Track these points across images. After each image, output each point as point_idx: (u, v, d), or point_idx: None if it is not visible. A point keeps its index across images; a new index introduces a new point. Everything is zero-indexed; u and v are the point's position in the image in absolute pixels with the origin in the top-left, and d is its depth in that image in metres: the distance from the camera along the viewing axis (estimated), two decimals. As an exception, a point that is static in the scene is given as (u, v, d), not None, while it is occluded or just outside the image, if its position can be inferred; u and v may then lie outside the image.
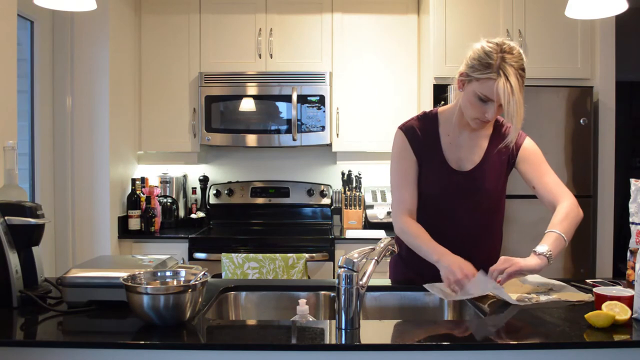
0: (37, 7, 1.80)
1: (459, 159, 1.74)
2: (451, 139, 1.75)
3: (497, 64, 1.55)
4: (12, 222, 1.53)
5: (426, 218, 1.74)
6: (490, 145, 1.75)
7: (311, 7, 3.42)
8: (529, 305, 1.49)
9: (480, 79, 1.57)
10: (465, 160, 1.75)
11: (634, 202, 1.66)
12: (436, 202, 1.75)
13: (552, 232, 1.61)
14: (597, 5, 1.79)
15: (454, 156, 1.74)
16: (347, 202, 3.52)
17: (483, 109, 1.61)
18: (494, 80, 1.54)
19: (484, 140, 1.76)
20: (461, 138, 1.75)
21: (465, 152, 1.75)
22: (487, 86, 1.56)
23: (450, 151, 1.74)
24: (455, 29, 3.11)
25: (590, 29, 3.13)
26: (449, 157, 1.74)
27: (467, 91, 1.63)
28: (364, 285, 1.32)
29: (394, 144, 1.79)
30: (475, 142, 1.76)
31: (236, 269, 2.77)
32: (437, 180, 1.73)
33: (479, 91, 1.59)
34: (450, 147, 1.75)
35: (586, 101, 3.03)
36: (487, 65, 1.56)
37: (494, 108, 1.60)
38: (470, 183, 1.73)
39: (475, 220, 1.75)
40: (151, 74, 3.44)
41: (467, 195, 1.73)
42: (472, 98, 1.61)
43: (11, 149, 1.72)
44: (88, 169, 3.03)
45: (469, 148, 1.75)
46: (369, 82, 3.42)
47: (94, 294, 1.44)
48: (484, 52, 1.58)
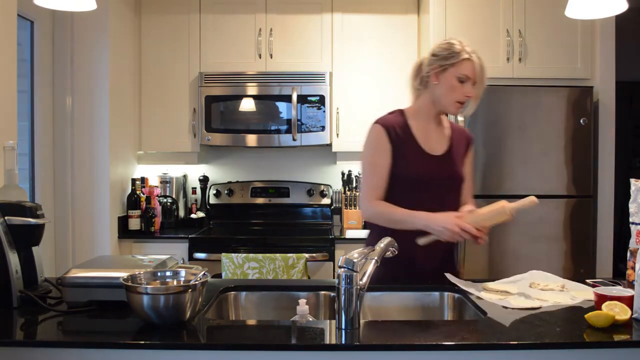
0: (37, 7, 1.80)
1: (431, 147, 1.92)
2: (422, 130, 1.93)
3: (464, 49, 1.84)
4: (12, 222, 1.53)
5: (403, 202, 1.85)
6: (453, 136, 1.98)
7: (311, 7, 3.42)
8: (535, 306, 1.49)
9: (455, 63, 1.83)
10: (436, 147, 1.93)
11: (634, 202, 1.66)
12: (414, 185, 1.88)
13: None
14: (597, 5, 1.79)
15: (427, 144, 1.92)
16: (347, 202, 3.52)
17: (463, 90, 1.84)
18: (470, 60, 1.83)
19: (446, 133, 1.98)
20: (429, 130, 1.95)
21: (434, 140, 1.94)
22: (464, 66, 1.83)
23: (422, 139, 1.92)
24: (455, 29, 3.11)
25: (590, 29, 3.13)
26: (423, 144, 1.91)
27: (445, 79, 1.85)
28: (364, 285, 1.32)
29: (368, 137, 1.92)
30: (441, 132, 1.97)
31: (236, 269, 2.77)
32: (414, 164, 1.88)
33: (458, 73, 1.83)
34: (421, 136, 1.92)
35: (586, 101, 3.03)
36: (456, 51, 1.84)
37: (471, 85, 1.84)
38: (443, 166, 1.91)
39: (446, 202, 1.88)
40: (151, 74, 3.44)
41: (441, 177, 1.89)
42: (453, 81, 1.84)
43: (11, 149, 1.73)
44: (88, 169, 3.03)
45: (437, 137, 1.95)
46: (369, 82, 3.42)
47: (94, 294, 1.44)
48: (447, 44, 1.87)
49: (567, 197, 3.03)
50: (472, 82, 1.84)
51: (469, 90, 1.84)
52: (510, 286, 1.68)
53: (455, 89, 1.84)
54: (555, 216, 3.02)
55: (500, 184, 3.00)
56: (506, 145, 3.01)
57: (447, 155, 1.93)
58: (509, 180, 3.01)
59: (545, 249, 3.01)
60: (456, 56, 1.83)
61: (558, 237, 3.03)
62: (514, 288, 1.66)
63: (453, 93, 1.85)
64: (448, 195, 1.90)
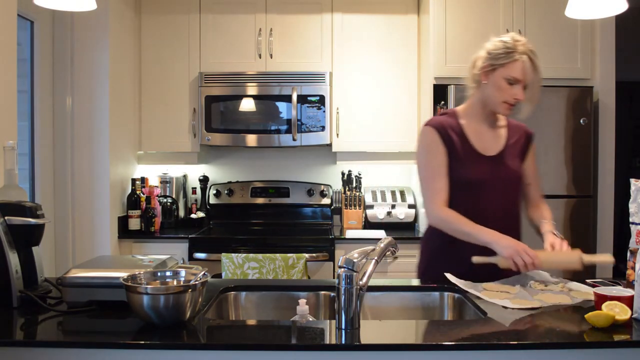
0: (37, 7, 1.80)
1: (485, 147, 1.88)
2: (473, 129, 1.90)
3: (517, 49, 1.76)
4: (12, 222, 1.53)
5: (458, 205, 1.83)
6: (509, 137, 1.92)
7: (311, 7, 3.42)
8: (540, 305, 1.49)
9: (505, 63, 1.77)
10: (489, 147, 1.89)
11: (634, 202, 1.66)
12: (468, 188, 1.85)
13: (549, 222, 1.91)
14: (597, 5, 1.79)
15: (480, 144, 1.88)
16: (347, 202, 3.52)
17: (512, 92, 1.78)
18: (520, 61, 1.75)
19: (502, 132, 1.93)
20: (483, 129, 1.91)
21: (488, 140, 1.90)
22: (513, 68, 1.76)
23: (477, 140, 1.89)
24: (455, 29, 3.12)
25: (590, 29, 3.13)
26: (476, 145, 1.88)
27: (494, 79, 1.80)
28: (364, 285, 1.32)
29: (421, 140, 1.90)
30: (496, 132, 1.92)
31: (236, 269, 2.77)
32: (468, 166, 1.85)
33: (506, 75, 1.77)
34: (474, 137, 1.89)
35: (586, 101, 3.03)
36: (509, 51, 1.77)
37: (521, 89, 1.78)
38: (498, 166, 1.86)
39: (503, 203, 1.86)
40: (151, 74, 3.44)
41: (495, 178, 1.85)
42: (501, 83, 1.79)
43: (11, 149, 1.73)
44: (88, 169, 3.03)
45: (491, 137, 1.91)
46: (369, 82, 3.42)
47: (94, 294, 1.44)
48: (501, 42, 1.80)
49: (567, 197, 3.03)
50: (523, 85, 1.78)
51: (517, 93, 1.78)
52: (510, 286, 1.68)
53: (503, 90, 1.79)
54: (555, 216, 2.96)
55: (500, 184, 3.00)
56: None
57: (502, 155, 1.88)
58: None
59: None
60: (506, 57, 1.77)
61: (558, 237, 3.03)
62: (514, 288, 1.66)
63: (501, 94, 1.80)
64: (504, 196, 1.86)
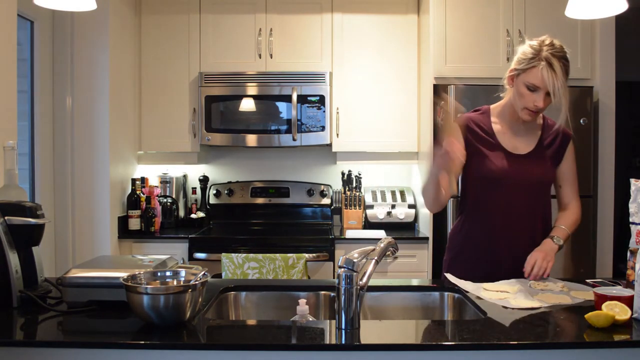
0: (37, 7, 1.80)
1: (514, 146, 1.89)
2: (505, 129, 1.91)
3: (540, 55, 1.75)
4: (12, 222, 1.53)
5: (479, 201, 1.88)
6: (542, 137, 1.91)
7: (311, 7, 3.42)
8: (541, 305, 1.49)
9: (526, 69, 1.77)
10: (520, 146, 1.89)
11: (634, 202, 1.66)
12: (492, 183, 1.86)
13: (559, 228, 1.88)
14: (597, 5, 1.79)
15: (510, 143, 1.89)
16: (347, 202, 3.52)
17: (532, 98, 1.77)
18: (539, 68, 1.73)
19: (536, 131, 1.92)
20: (514, 128, 1.91)
21: (520, 139, 1.90)
22: (532, 74, 1.75)
23: (505, 138, 1.89)
24: (455, 29, 3.11)
25: (590, 29, 3.13)
26: (504, 143, 1.89)
27: (517, 84, 1.81)
28: (364, 285, 1.32)
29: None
30: (529, 131, 1.91)
31: (236, 269, 2.77)
32: (494, 163, 1.86)
33: (526, 81, 1.77)
34: (504, 136, 1.90)
35: (586, 101, 3.03)
36: (532, 57, 1.76)
37: (542, 96, 1.76)
38: (526, 166, 1.86)
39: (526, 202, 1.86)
40: (151, 74, 3.44)
41: (519, 178, 1.85)
42: (522, 89, 1.79)
43: (11, 149, 1.73)
44: (88, 169, 3.03)
45: (523, 136, 1.91)
46: (369, 82, 3.42)
47: (94, 294, 1.44)
48: (529, 46, 1.79)
49: (567, 197, 3.03)
50: (545, 92, 1.75)
51: (537, 99, 1.76)
52: (509, 286, 1.68)
53: (525, 96, 1.78)
54: (555, 216, 3.01)
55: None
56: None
57: (533, 154, 1.88)
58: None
59: (545, 249, 3.01)
60: (527, 62, 1.77)
61: (558, 237, 3.03)
62: (513, 288, 1.66)
63: (522, 100, 1.79)
64: (529, 196, 1.86)
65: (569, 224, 1.88)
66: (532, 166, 1.87)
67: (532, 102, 1.78)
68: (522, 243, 1.83)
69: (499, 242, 1.86)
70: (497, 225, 1.87)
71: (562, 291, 1.64)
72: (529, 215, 1.88)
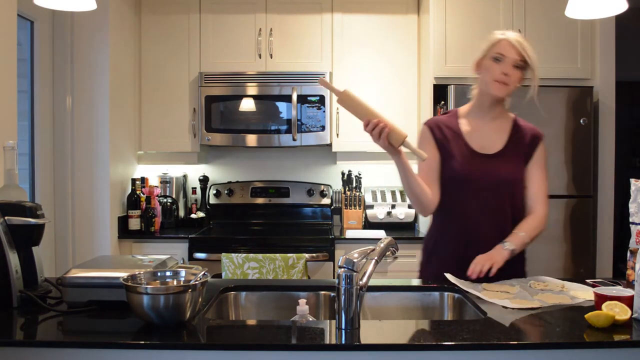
0: (37, 7, 1.80)
1: (483, 145, 1.89)
2: (472, 128, 1.91)
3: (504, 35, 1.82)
4: (12, 222, 1.53)
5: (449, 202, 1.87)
6: (512, 137, 1.90)
7: (311, 7, 3.42)
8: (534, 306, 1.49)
9: (490, 46, 1.83)
10: (488, 146, 1.89)
11: (634, 202, 1.66)
12: (459, 184, 1.86)
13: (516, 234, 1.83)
14: (597, 5, 1.79)
15: (478, 143, 1.89)
16: (347, 202, 3.52)
17: (499, 68, 1.80)
18: (503, 39, 1.80)
19: (505, 131, 1.92)
20: (483, 127, 1.91)
21: (489, 139, 1.90)
22: (498, 45, 1.81)
23: (473, 138, 1.89)
24: (455, 29, 3.12)
25: (590, 29, 3.13)
26: (472, 143, 1.89)
27: (484, 64, 1.85)
28: (364, 285, 1.32)
29: (418, 137, 1.99)
30: (497, 131, 1.91)
31: (236, 269, 2.77)
32: (460, 162, 1.86)
33: (492, 53, 1.81)
34: (472, 135, 1.90)
35: (586, 101, 3.03)
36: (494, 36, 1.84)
37: (509, 66, 1.79)
38: (494, 165, 1.86)
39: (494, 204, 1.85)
40: (151, 74, 3.44)
41: (488, 177, 1.85)
42: (488, 62, 1.82)
43: (11, 149, 1.72)
44: (88, 169, 3.03)
45: (492, 136, 1.90)
46: (369, 82, 3.42)
47: (94, 294, 1.44)
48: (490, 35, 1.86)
49: (567, 197, 3.03)
50: (512, 63, 1.78)
51: (506, 69, 1.78)
52: (509, 286, 1.68)
53: (492, 69, 1.81)
54: (555, 216, 3.02)
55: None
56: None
57: (501, 154, 1.88)
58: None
59: (545, 249, 3.01)
60: (491, 40, 1.84)
61: (558, 237, 3.03)
62: (514, 288, 1.66)
63: (491, 73, 1.81)
64: (496, 195, 1.85)
65: (528, 230, 1.83)
66: (501, 165, 1.86)
67: (499, 72, 1.79)
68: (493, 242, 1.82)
69: (469, 242, 1.85)
70: (468, 226, 1.86)
71: (562, 291, 1.64)
72: (499, 215, 1.86)
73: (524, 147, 1.89)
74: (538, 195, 1.90)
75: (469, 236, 1.85)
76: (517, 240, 1.80)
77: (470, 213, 1.86)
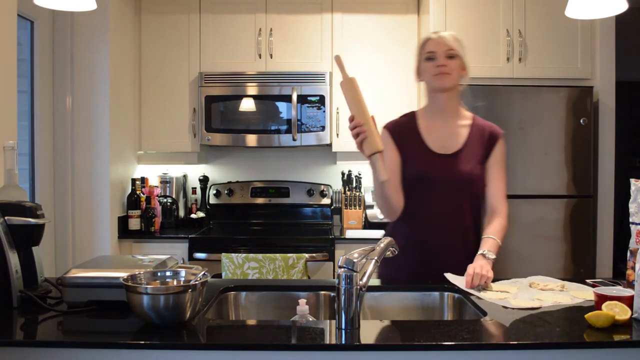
0: (37, 7, 1.80)
1: (442, 145, 1.90)
2: (430, 128, 1.93)
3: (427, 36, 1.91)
4: (12, 222, 1.53)
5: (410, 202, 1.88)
6: (470, 136, 1.92)
7: (311, 7, 3.42)
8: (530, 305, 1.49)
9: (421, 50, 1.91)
10: (447, 146, 1.90)
11: (634, 202, 1.66)
12: (419, 185, 1.87)
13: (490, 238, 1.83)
14: (597, 5, 1.79)
15: (436, 143, 1.90)
16: (347, 202, 3.52)
17: (434, 64, 1.86)
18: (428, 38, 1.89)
19: (464, 130, 1.93)
20: (441, 128, 1.92)
21: (445, 139, 1.91)
22: (427, 45, 1.89)
23: (431, 138, 1.91)
24: (455, 29, 3.11)
25: (590, 29, 3.13)
26: (431, 143, 1.90)
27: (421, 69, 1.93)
28: (364, 285, 1.32)
29: None
30: (456, 130, 1.92)
31: (236, 269, 2.77)
32: (419, 163, 1.88)
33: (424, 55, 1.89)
34: (430, 136, 1.91)
35: (586, 101, 3.03)
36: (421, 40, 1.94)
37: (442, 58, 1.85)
38: (452, 164, 1.87)
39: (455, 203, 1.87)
40: (151, 74, 3.44)
41: (448, 177, 1.86)
42: (424, 65, 1.90)
43: (11, 149, 1.72)
44: (88, 169, 3.03)
45: (450, 136, 1.91)
46: (369, 82, 3.42)
47: (94, 294, 1.44)
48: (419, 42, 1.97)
49: (567, 197, 3.03)
50: (443, 55, 1.85)
51: (440, 62, 1.85)
52: (509, 286, 1.68)
53: (428, 67, 1.88)
54: (555, 216, 3.03)
55: (500, 184, 3.00)
56: (506, 145, 3.00)
57: (460, 153, 1.88)
58: (509, 180, 2.97)
59: (545, 249, 3.01)
60: (420, 44, 1.93)
61: (558, 237, 3.03)
62: (513, 288, 1.66)
63: (427, 73, 1.89)
64: (456, 195, 1.86)
65: (496, 233, 1.83)
66: (460, 164, 1.86)
67: (434, 66, 1.86)
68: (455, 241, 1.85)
69: (430, 241, 1.86)
70: (429, 226, 1.87)
71: (562, 291, 1.64)
72: (460, 214, 1.87)
73: (482, 145, 1.90)
74: (498, 194, 1.90)
75: (431, 236, 1.86)
76: (494, 247, 1.80)
77: (432, 213, 1.86)
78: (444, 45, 1.85)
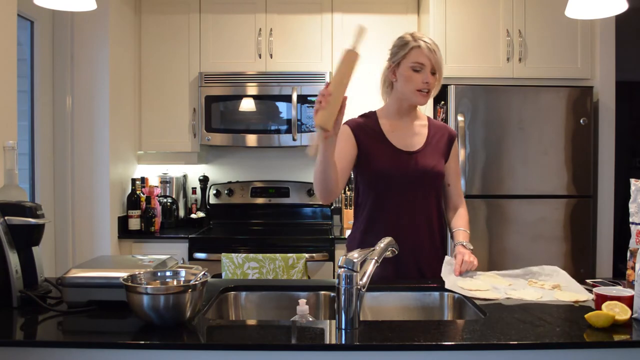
0: (37, 7, 1.80)
1: (404, 143, 1.94)
2: (392, 127, 1.96)
3: (414, 38, 1.87)
4: (12, 222, 1.53)
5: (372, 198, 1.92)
6: (429, 136, 1.97)
7: (311, 7, 3.42)
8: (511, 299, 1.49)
9: (406, 54, 1.86)
10: (410, 143, 1.94)
11: (634, 202, 1.66)
12: (383, 181, 1.90)
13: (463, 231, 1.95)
14: (597, 5, 1.79)
15: (400, 141, 1.94)
16: (347, 202, 3.52)
17: (420, 77, 1.85)
18: (418, 46, 1.84)
19: (423, 131, 1.99)
20: (403, 128, 1.96)
21: (408, 138, 1.95)
22: (415, 54, 1.85)
23: (395, 137, 1.94)
24: (455, 29, 3.12)
25: (590, 29, 3.13)
26: (395, 141, 1.93)
27: (401, 72, 1.89)
28: (364, 285, 1.32)
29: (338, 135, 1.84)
30: (416, 130, 1.98)
31: (236, 269, 2.77)
32: (385, 160, 1.90)
33: (411, 62, 1.85)
34: (393, 134, 1.94)
35: (586, 101, 3.03)
36: (406, 42, 1.88)
37: (428, 73, 1.85)
38: (416, 160, 1.91)
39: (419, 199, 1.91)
40: (151, 74, 3.44)
41: (412, 173, 1.90)
42: (408, 72, 1.86)
43: (11, 149, 1.73)
44: (88, 169, 3.03)
45: (412, 135, 1.96)
46: (369, 82, 3.41)
47: (94, 294, 1.44)
48: (398, 39, 1.92)
49: (567, 197, 3.04)
50: (430, 70, 1.85)
51: (425, 77, 1.85)
52: (501, 279, 1.74)
53: (412, 79, 1.86)
54: (555, 216, 3.03)
55: (500, 184, 3.00)
56: (506, 145, 3.01)
57: (423, 150, 1.93)
58: (509, 180, 3.01)
59: (545, 249, 3.02)
60: (405, 47, 1.87)
61: (558, 237, 3.03)
62: (504, 282, 1.72)
63: (411, 83, 1.87)
64: (422, 189, 1.92)
65: (465, 223, 1.96)
66: (425, 160, 1.91)
67: (421, 81, 1.85)
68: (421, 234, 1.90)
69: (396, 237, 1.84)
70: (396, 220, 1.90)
71: (550, 290, 1.64)
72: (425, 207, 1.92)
73: (442, 144, 1.97)
74: (458, 190, 2.04)
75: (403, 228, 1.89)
76: (468, 238, 1.92)
77: (399, 207, 1.90)
78: (434, 60, 1.84)
